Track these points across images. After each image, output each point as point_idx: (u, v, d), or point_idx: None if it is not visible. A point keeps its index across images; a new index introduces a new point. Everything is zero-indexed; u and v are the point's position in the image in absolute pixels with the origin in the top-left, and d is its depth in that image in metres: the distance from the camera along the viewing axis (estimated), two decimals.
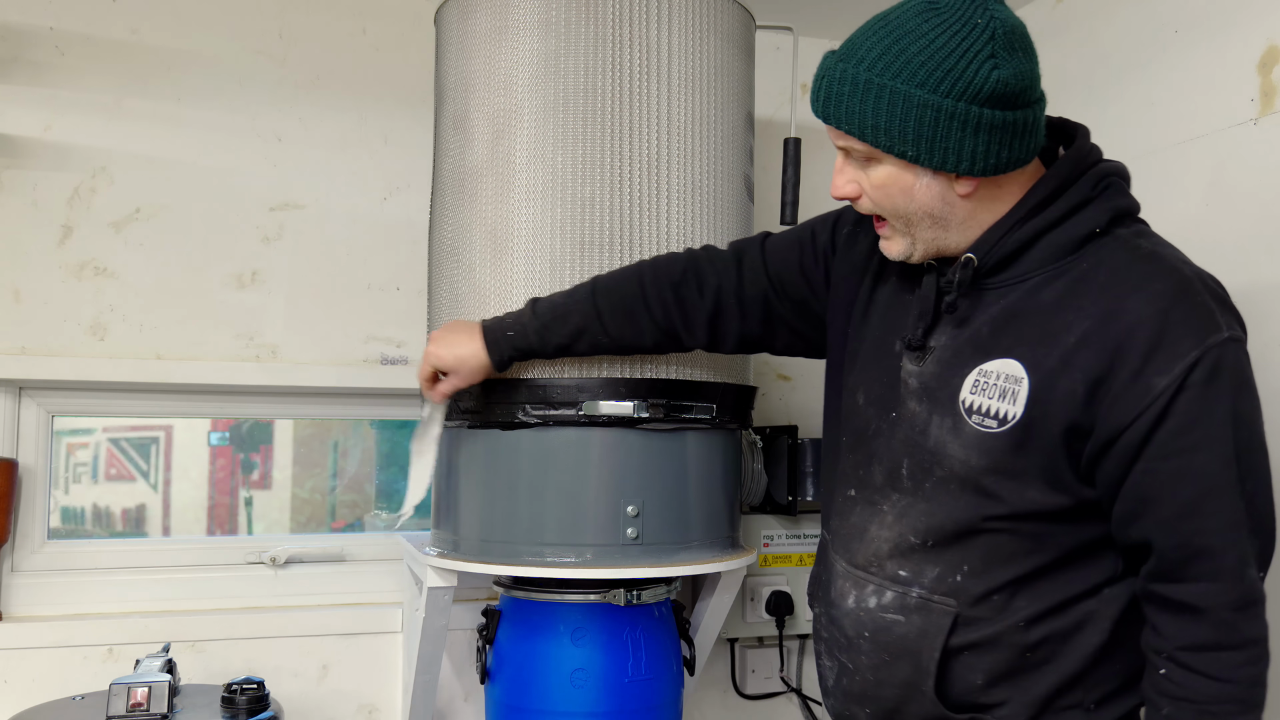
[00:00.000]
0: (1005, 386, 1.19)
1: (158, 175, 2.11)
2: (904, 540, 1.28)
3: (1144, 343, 1.12)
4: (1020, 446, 1.18)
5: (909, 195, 1.21)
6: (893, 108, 1.14)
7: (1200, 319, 1.13)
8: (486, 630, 1.82)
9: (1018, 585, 1.22)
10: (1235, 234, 1.85)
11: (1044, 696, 1.22)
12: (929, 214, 1.22)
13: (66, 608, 2.08)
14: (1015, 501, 1.20)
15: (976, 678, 1.24)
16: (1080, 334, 1.15)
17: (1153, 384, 1.11)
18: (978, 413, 1.21)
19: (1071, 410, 1.15)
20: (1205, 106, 1.93)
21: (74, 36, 2.08)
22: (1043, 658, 1.22)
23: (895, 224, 1.26)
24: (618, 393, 1.62)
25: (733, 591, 1.93)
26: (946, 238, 1.25)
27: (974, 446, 1.21)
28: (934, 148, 1.15)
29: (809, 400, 2.51)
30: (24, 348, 2.02)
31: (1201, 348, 1.11)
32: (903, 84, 1.14)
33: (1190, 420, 1.11)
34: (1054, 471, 1.18)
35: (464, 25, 1.75)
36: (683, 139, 1.70)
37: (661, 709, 1.79)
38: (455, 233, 1.75)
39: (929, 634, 1.24)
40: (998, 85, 1.12)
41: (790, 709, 2.44)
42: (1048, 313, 1.19)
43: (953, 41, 1.13)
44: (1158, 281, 1.15)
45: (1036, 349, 1.18)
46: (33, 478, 2.08)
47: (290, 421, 2.35)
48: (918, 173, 1.19)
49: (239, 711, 1.69)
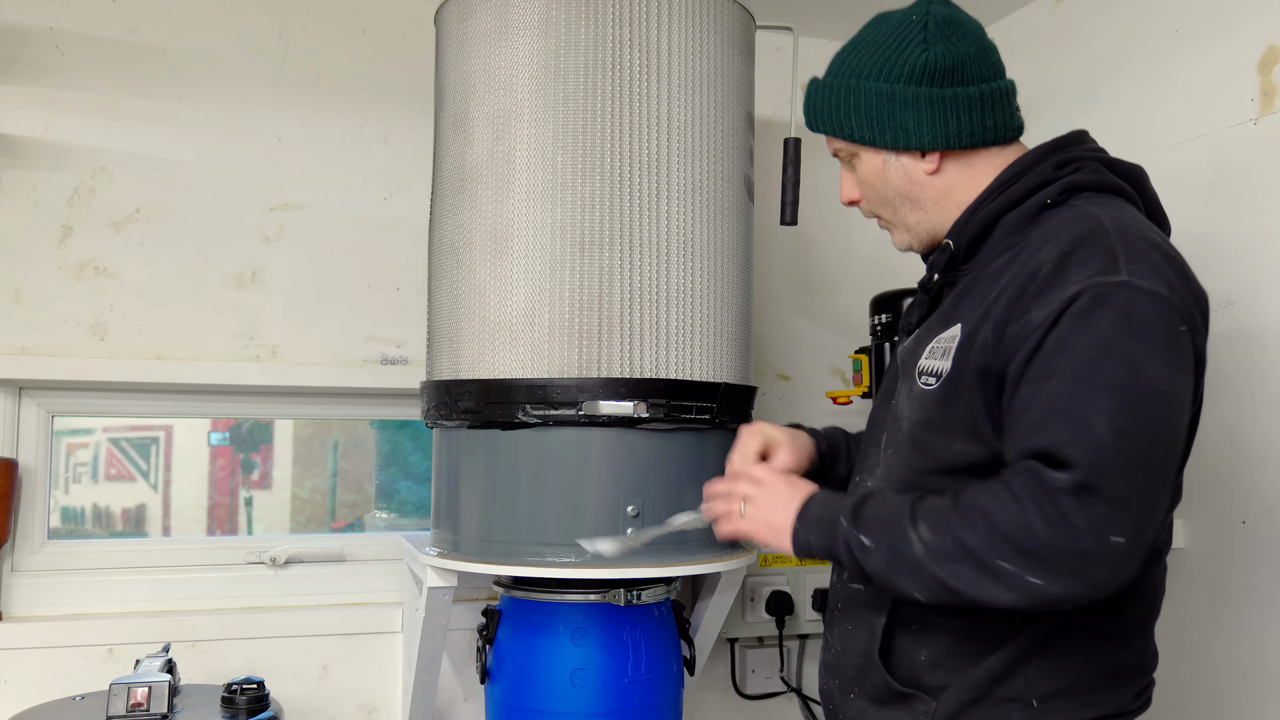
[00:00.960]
0: (946, 347, 1.26)
1: (158, 175, 2.11)
2: None
3: (1039, 283, 1.15)
4: (947, 399, 1.23)
5: (883, 179, 1.35)
6: (847, 100, 1.34)
7: (1096, 260, 1.12)
8: (486, 630, 1.82)
9: None
10: (1235, 234, 1.85)
11: (981, 680, 1.22)
12: (903, 195, 1.35)
13: (66, 608, 2.08)
14: (940, 454, 1.24)
15: (920, 653, 1.26)
16: (1000, 287, 1.20)
17: (1032, 318, 1.13)
18: (924, 374, 1.29)
19: (984, 356, 1.19)
20: (1205, 106, 1.93)
21: (74, 36, 2.08)
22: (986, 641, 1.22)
23: (884, 214, 1.40)
24: (618, 393, 1.62)
25: (733, 591, 1.93)
26: (930, 220, 1.35)
27: (916, 403, 1.28)
28: (883, 127, 1.32)
29: (809, 400, 2.52)
30: (24, 348, 2.02)
31: (1087, 283, 1.11)
32: (852, 79, 1.34)
33: (1054, 348, 1.11)
34: (973, 421, 1.21)
35: (464, 25, 1.75)
36: (683, 139, 1.70)
37: (661, 709, 1.79)
38: (455, 233, 1.75)
39: (880, 601, 1.29)
40: (927, 64, 1.29)
41: (790, 709, 2.44)
42: (991, 279, 1.24)
43: (890, 37, 1.32)
44: (1070, 230, 1.17)
45: (973, 310, 1.24)
46: (33, 478, 2.08)
47: (290, 421, 2.35)
48: (884, 157, 1.34)
49: (239, 711, 1.69)
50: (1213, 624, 1.88)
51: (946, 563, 1.12)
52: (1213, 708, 1.88)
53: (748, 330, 1.84)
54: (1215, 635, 1.87)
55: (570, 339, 1.64)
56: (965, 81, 1.30)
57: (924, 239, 1.38)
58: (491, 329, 1.68)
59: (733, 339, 1.77)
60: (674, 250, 1.69)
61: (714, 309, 1.73)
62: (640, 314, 1.66)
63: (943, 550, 1.12)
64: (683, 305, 1.69)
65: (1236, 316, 1.84)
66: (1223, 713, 1.86)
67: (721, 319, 1.74)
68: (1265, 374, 1.80)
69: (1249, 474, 1.82)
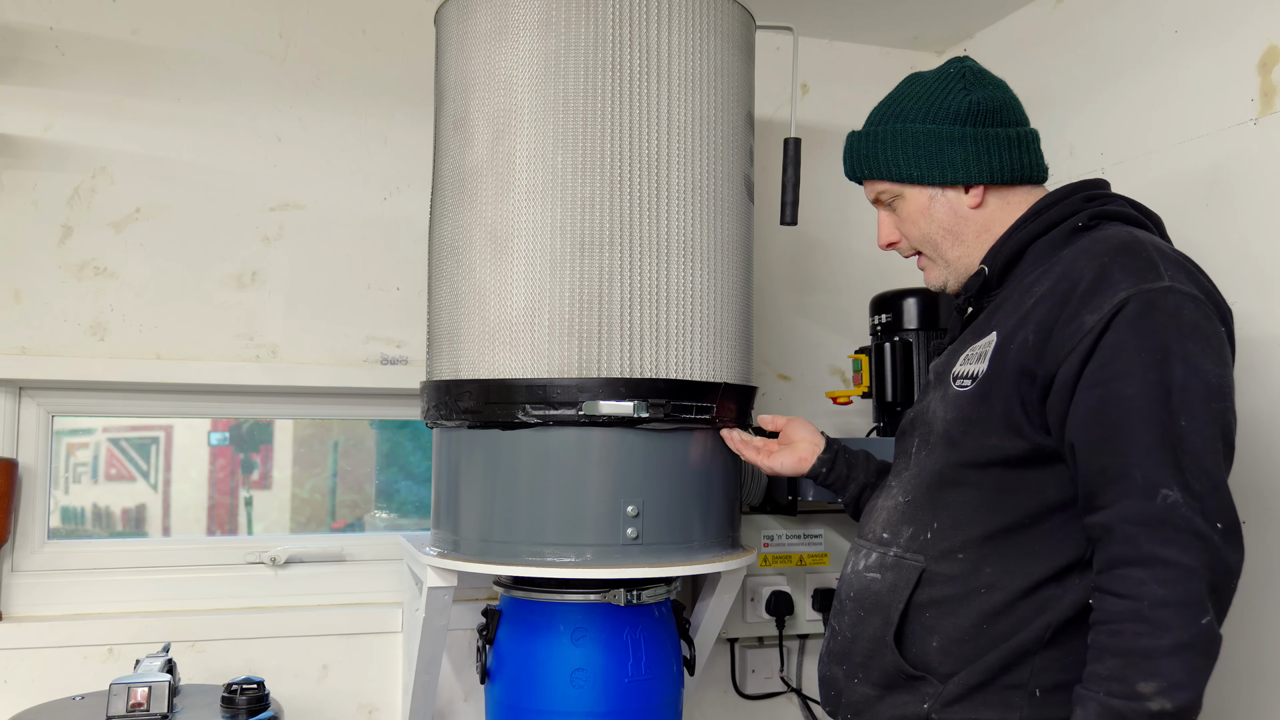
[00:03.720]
0: (981, 351, 1.33)
1: (158, 175, 2.11)
2: (895, 504, 1.42)
3: (1083, 289, 1.21)
4: (984, 397, 1.29)
5: (928, 216, 1.44)
6: (893, 143, 1.43)
7: (1139, 267, 1.20)
8: (486, 630, 1.82)
9: (984, 548, 1.27)
10: (1235, 234, 1.85)
11: (990, 666, 1.25)
12: (948, 230, 1.43)
13: (66, 608, 2.08)
14: (976, 448, 1.29)
15: (932, 640, 1.29)
16: (1038, 296, 1.27)
17: (1084, 321, 1.19)
18: (960, 377, 1.35)
19: (1024, 357, 1.25)
20: (1205, 106, 1.93)
21: (74, 36, 2.08)
22: (999, 633, 1.25)
23: (927, 250, 1.47)
24: (618, 393, 1.62)
25: (733, 591, 1.93)
26: (969, 254, 1.43)
27: (951, 404, 1.35)
28: (931, 164, 1.41)
29: (809, 400, 2.52)
30: (24, 348, 2.02)
31: (1134, 289, 1.18)
32: (898, 124, 1.43)
33: (1114, 352, 1.17)
34: (1011, 417, 1.26)
35: (464, 25, 1.75)
36: (683, 139, 1.70)
37: (661, 709, 1.79)
38: (455, 233, 1.75)
39: (898, 587, 1.33)
40: (971, 105, 1.40)
41: (790, 709, 2.44)
42: (1024, 291, 1.32)
43: (929, 86, 1.44)
44: (1109, 243, 1.26)
45: (1009, 318, 1.31)
46: (33, 478, 2.08)
47: (290, 421, 2.35)
48: (931, 193, 1.43)
49: (239, 711, 1.69)
50: None
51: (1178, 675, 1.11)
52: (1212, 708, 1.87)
53: (748, 330, 1.84)
54: None
55: (570, 339, 1.64)
56: (1004, 123, 1.41)
57: (961, 275, 1.45)
58: (491, 329, 1.68)
59: (733, 339, 1.77)
60: (674, 250, 1.69)
61: (714, 309, 1.73)
62: (640, 314, 1.66)
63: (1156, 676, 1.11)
64: (683, 305, 1.69)
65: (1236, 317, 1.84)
66: (1223, 712, 1.86)
67: (721, 319, 1.74)
68: (1265, 374, 1.80)
69: (1249, 474, 1.82)
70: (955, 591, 1.28)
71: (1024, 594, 1.24)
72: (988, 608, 1.26)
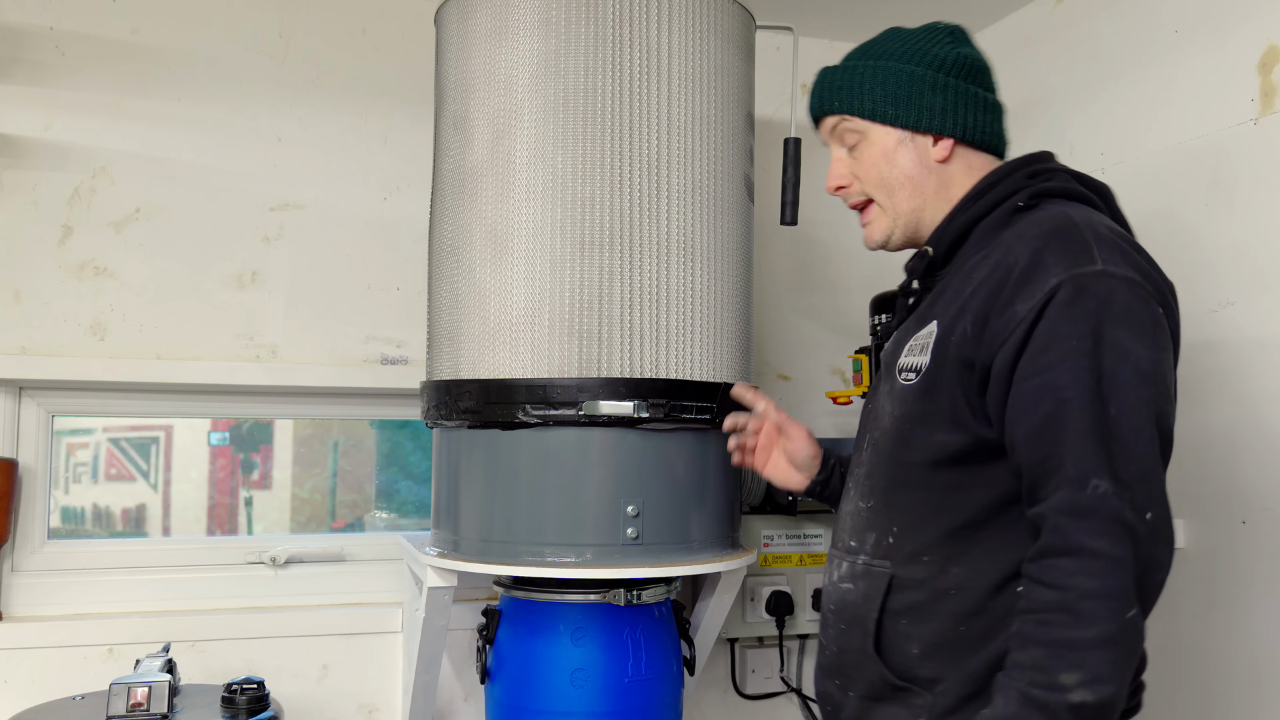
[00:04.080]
0: (924, 343, 1.30)
1: (158, 175, 2.11)
2: (856, 509, 1.38)
3: (1017, 275, 1.19)
4: (928, 391, 1.27)
5: (891, 160, 1.38)
6: (871, 78, 1.38)
7: (1072, 252, 1.18)
8: (486, 630, 1.82)
9: (946, 549, 1.26)
10: (1235, 234, 1.85)
11: (977, 673, 1.23)
12: (909, 178, 1.38)
13: (66, 608, 2.08)
14: (925, 445, 1.27)
15: (912, 647, 1.27)
16: (976, 283, 1.25)
17: (1017, 310, 1.17)
18: (904, 370, 1.33)
19: (964, 348, 1.23)
20: (1205, 106, 1.93)
21: (74, 36, 2.08)
22: (976, 634, 1.23)
23: (879, 198, 1.41)
24: (618, 393, 1.62)
25: (733, 591, 1.93)
26: (921, 210, 1.39)
27: (898, 399, 1.32)
28: (909, 106, 1.36)
29: (809, 400, 2.52)
30: (24, 348, 2.02)
31: (1066, 274, 1.16)
32: (879, 61, 1.38)
33: (1046, 340, 1.15)
34: (955, 411, 1.24)
35: (464, 25, 1.75)
36: (683, 139, 1.70)
37: (661, 709, 1.79)
38: (455, 233, 1.75)
39: (871, 597, 1.31)
40: (958, 58, 1.36)
41: (790, 709, 2.44)
42: (965, 277, 1.29)
43: (917, 34, 1.40)
44: (1041, 226, 1.23)
45: (949, 307, 1.28)
46: (33, 478, 2.08)
47: (290, 421, 2.35)
48: (899, 137, 1.37)
49: (239, 711, 1.69)
50: (1213, 624, 1.88)
51: (1083, 671, 1.09)
52: (1213, 708, 1.88)
53: (748, 330, 1.84)
54: (1215, 635, 1.87)
55: (570, 339, 1.64)
56: (985, 86, 1.39)
57: (907, 232, 1.41)
58: (491, 329, 1.68)
59: (733, 339, 1.77)
60: (674, 250, 1.69)
61: (714, 309, 1.73)
62: (640, 314, 1.66)
63: (1068, 668, 1.09)
64: (683, 305, 1.69)
65: (1236, 316, 1.84)
66: (1223, 713, 1.86)
67: (721, 319, 1.74)
68: (1265, 374, 1.80)
69: (1249, 474, 1.82)
70: (925, 596, 1.26)
71: (994, 590, 1.23)
72: (960, 609, 1.24)
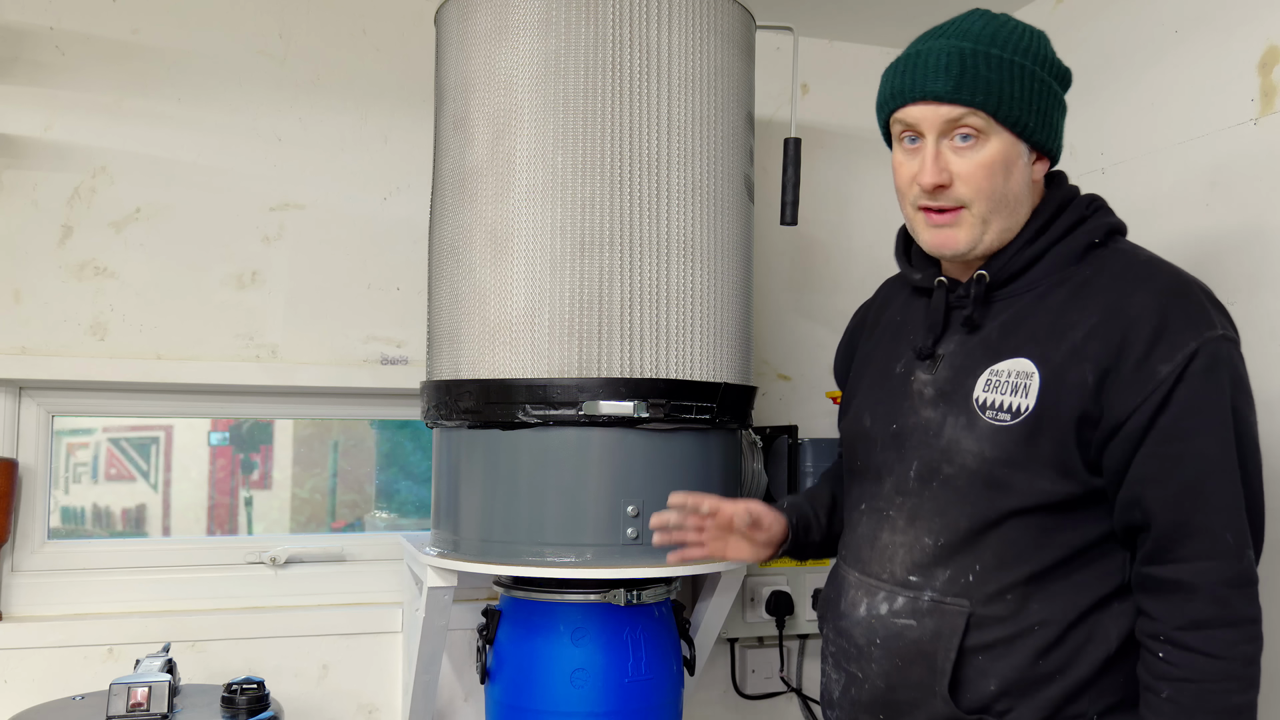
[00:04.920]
0: (1017, 382, 1.24)
1: (158, 175, 2.11)
2: (918, 543, 1.30)
3: (1148, 333, 1.18)
4: (1032, 437, 1.22)
5: (1005, 172, 1.24)
6: (1020, 80, 1.22)
7: (1197, 314, 1.20)
8: (486, 630, 1.82)
9: (1029, 587, 1.24)
10: (1235, 234, 1.85)
11: (1051, 702, 1.23)
12: (1017, 197, 1.27)
13: (66, 608, 2.08)
14: (1026, 492, 1.23)
15: (989, 684, 1.24)
16: (1088, 329, 1.21)
17: (1156, 370, 1.17)
18: (991, 408, 1.25)
19: (1082, 399, 1.20)
20: (1205, 106, 1.93)
21: (74, 36, 2.08)
22: (1054, 667, 1.23)
23: (978, 208, 1.26)
24: (618, 393, 1.62)
25: (733, 591, 1.93)
26: (1003, 228, 1.28)
27: (988, 439, 1.25)
28: (1045, 122, 1.25)
29: (809, 400, 2.52)
30: (24, 348, 2.02)
31: (1200, 340, 1.18)
32: (1020, 58, 1.23)
33: (1191, 406, 1.17)
34: (1064, 460, 1.22)
35: (464, 25, 1.75)
36: (683, 139, 1.70)
37: (661, 709, 1.79)
38: (455, 233, 1.75)
39: (943, 635, 1.26)
40: (1065, 69, 1.27)
41: (790, 709, 2.44)
42: (1055, 314, 1.25)
43: (1026, 29, 1.26)
44: (1158, 280, 1.23)
45: (1045, 346, 1.24)
46: (33, 478, 2.08)
47: (290, 421, 2.35)
48: (1020, 150, 1.25)
49: (239, 711, 1.69)
50: None
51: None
52: None
53: (748, 330, 1.84)
54: None
55: (570, 339, 1.64)
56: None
57: (990, 248, 1.29)
58: (491, 329, 1.68)
59: (733, 339, 1.77)
60: (674, 250, 1.69)
61: (714, 309, 1.73)
62: (640, 314, 1.66)
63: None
64: (683, 305, 1.69)
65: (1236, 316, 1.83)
66: None
67: (721, 319, 1.74)
68: (1265, 374, 1.80)
69: None
70: (1007, 633, 1.24)
71: (1073, 625, 1.23)
72: (1040, 644, 1.23)
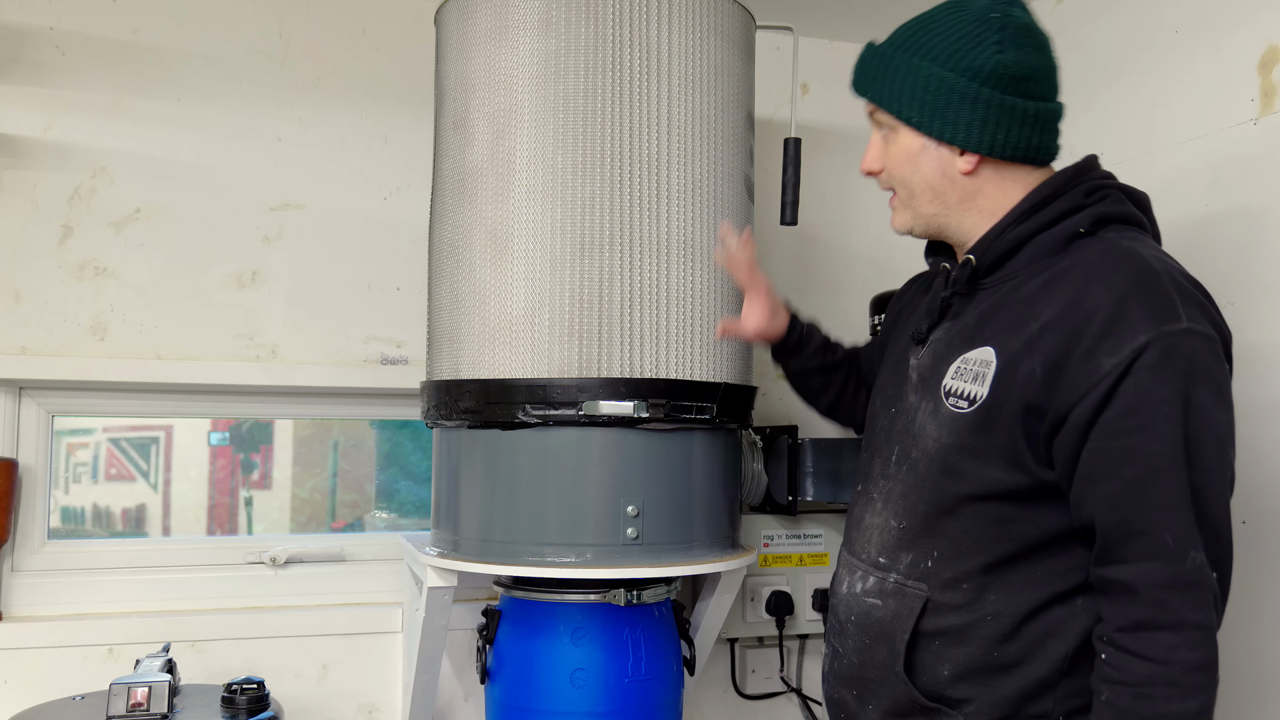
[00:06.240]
0: (978, 370, 1.26)
1: (158, 175, 2.11)
2: (886, 526, 1.36)
3: (1099, 325, 1.16)
4: (984, 425, 1.24)
5: (914, 164, 1.33)
6: (905, 76, 1.31)
7: (1158, 307, 1.15)
8: (486, 630, 1.82)
9: (986, 576, 1.25)
10: (1235, 234, 1.85)
11: (1011, 699, 1.23)
12: (930, 186, 1.34)
13: (66, 608, 2.08)
14: (977, 480, 1.25)
15: (943, 669, 1.27)
16: (1045, 320, 1.21)
17: (1101, 364, 1.14)
18: (953, 395, 1.29)
19: (1030, 391, 1.20)
20: (1205, 106, 1.92)
21: (74, 36, 2.08)
22: (1011, 659, 1.23)
23: (900, 195, 1.38)
24: (618, 393, 1.62)
25: (733, 591, 1.93)
26: (946, 217, 1.35)
27: (946, 426, 1.28)
28: (935, 115, 1.29)
29: None
30: (24, 348, 2.02)
31: (1154, 333, 1.13)
32: (917, 59, 1.30)
33: (1136, 402, 1.13)
34: (1014, 451, 1.22)
35: (464, 25, 1.75)
36: (683, 139, 1.70)
37: (661, 709, 1.79)
38: (455, 233, 1.75)
39: (901, 616, 1.30)
40: (998, 67, 1.26)
41: (790, 709, 2.44)
42: (1024, 304, 1.25)
43: (967, 29, 1.29)
44: (1123, 271, 1.19)
45: (1008, 336, 1.24)
46: (33, 478, 2.08)
47: (290, 421, 2.35)
48: (923, 143, 1.32)
49: (239, 711, 1.69)
50: None
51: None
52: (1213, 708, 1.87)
53: None
54: None
55: (570, 339, 1.64)
56: (1027, 95, 1.29)
57: (928, 231, 1.39)
58: (491, 329, 1.68)
59: (732, 339, 1.77)
60: (674, 250, 1.69)
61: (714, 309, 1.73)
62: (640, 314, 1.66)
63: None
64: (683, 305, 1.69)
65: (1236, 317, 1.84)
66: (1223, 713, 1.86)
67: (721, 319, 1.74)
68: (1264, 374, 1.80)
69: (1249, 474, 1.82)
70: (962, 621, 1.26)
71: (1029, 617, 1.23)
72: (995, 634, 1.24)
